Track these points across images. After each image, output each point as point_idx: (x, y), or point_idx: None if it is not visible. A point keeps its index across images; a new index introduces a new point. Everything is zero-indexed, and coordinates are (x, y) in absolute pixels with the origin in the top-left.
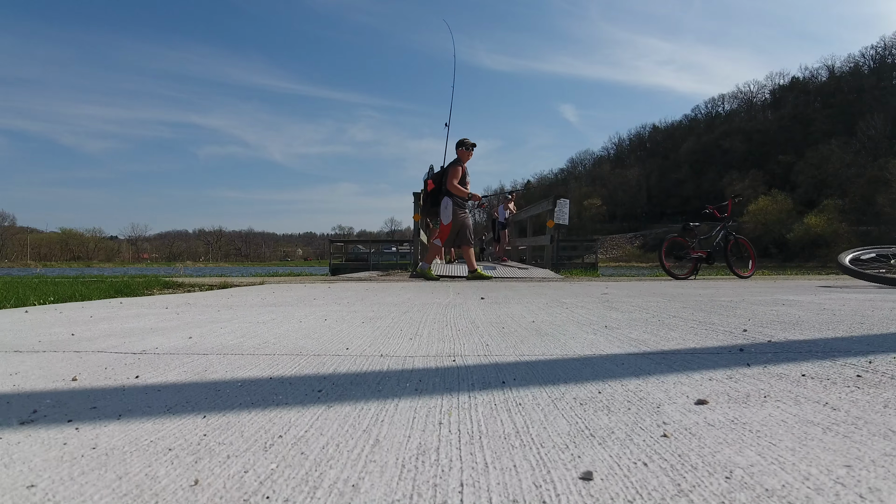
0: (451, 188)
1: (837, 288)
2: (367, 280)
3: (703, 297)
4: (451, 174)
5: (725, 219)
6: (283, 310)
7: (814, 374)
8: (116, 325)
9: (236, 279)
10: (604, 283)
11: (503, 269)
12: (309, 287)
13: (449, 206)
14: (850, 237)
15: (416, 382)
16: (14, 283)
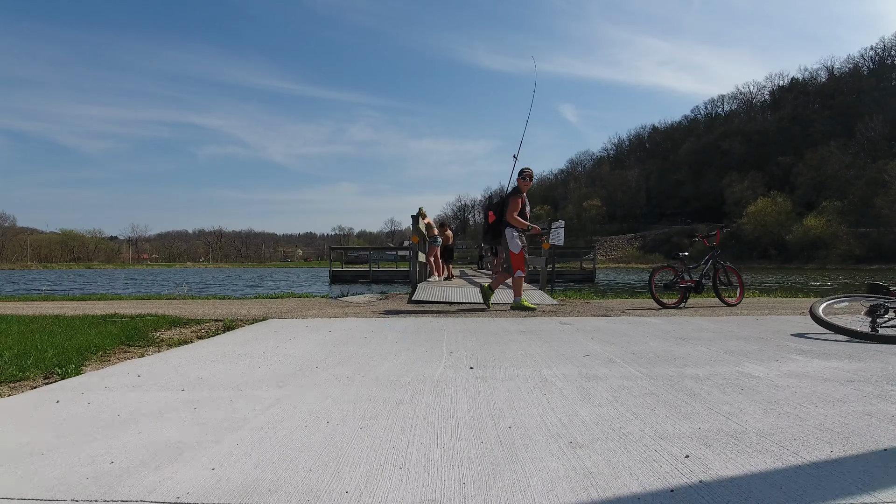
0: (510, 220)
1: (814, 336)
2: (364, 314)
3: (676, 365)
4: (511, 206)
5: (714, 247)
6: (286, 393)
7: None
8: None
9: (240, 304)
10: (592, 325)
11: (500, 293)
12: (310, 335)
13: (514, 235)
14: (849, 239)
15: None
16: (28, 329)
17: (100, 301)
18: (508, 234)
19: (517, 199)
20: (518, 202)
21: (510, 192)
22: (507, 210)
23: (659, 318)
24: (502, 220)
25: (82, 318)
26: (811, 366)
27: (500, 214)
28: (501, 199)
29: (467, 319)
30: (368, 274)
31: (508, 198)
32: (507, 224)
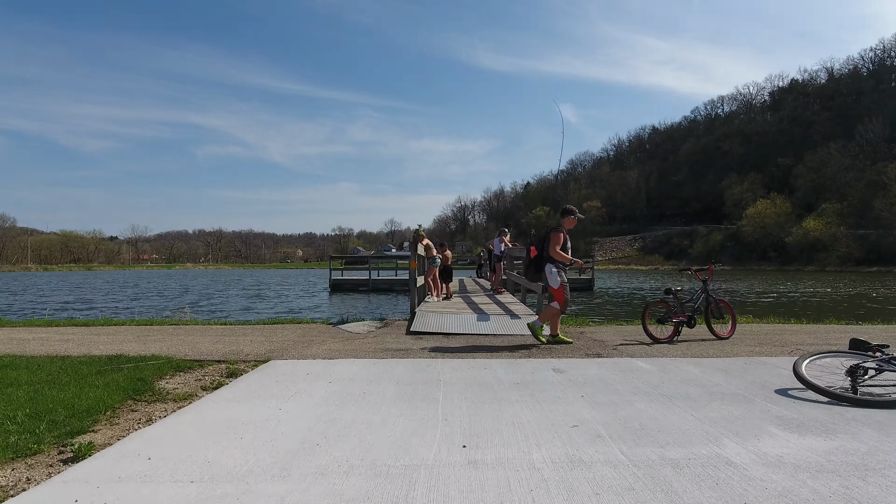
0: (553, 255)
1: (796, 395)
2: (363, 353)
3: (658, 443)
4: (554, 241)
5: (706, 281)
6: (289, 489)
7: None
8: None
9: (241, 334)
10: (584, 375)
11: (495, 320)
12: (312, 386)
13: (554, 271)
14: (849, 241)
15: None
16: (37, 378)
17: (104, 328)
18: (548, 269)
19: (559, 234)
20: (560, 237)
21: (553, 228)
22: (550, 245)
23: (650, 361)
24: (543, 254)
25: (89, 360)
26: (787, 446)
27: (542, 249)
28: (543, 234)
29: (463, 362)
30: (368, 283)
31: (551, 233)
32: (549, 259)
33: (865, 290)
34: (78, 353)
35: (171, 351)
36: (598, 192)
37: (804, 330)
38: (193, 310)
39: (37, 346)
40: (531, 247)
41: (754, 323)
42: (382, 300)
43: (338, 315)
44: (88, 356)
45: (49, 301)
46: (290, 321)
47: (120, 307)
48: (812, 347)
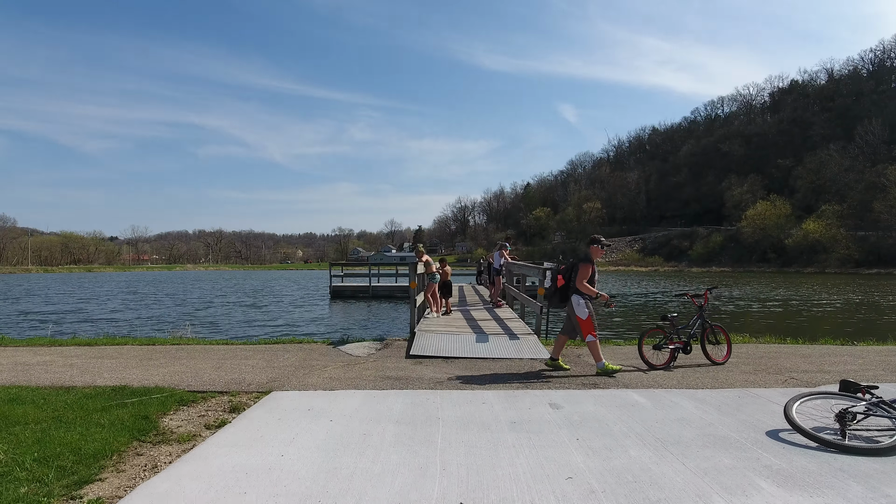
0: (580, 287)
1: (786, 439)
2: (363, 383)
3: (650, 501)
4: (582, 272)
5: (702, 307)
6: None
7: None
8: None
9: (244, 356)
10: (580, 412)
11: (493, 341)
12: (313, 426)
13: (581, 302)
14: (848, 243)
15: None
16: (43, 415)
17: (107, 349)
18: (575, 300)
19: (588, 266)
20: (588, 269)
21: (581, 259)
22: (577, 277)
23: (645, 394)
24: (570, 284)
25: (93, 392)
26: (773, 503)
27: (569, 279)
28: (571, 264)
29: (462, 395)
30: (368, 289)
31: (579, 264)
32: (575, 290)
33: (866, 298)
34: (82, 382)
35: (174, 380)
36: (598, 194)
37: (799, 352)
38: (193, 321)
39: (41, 372)
40: (558, 276)
41: (750, 343)
42: (383, 308)
43: (338, 329)
44: (93, 387)
45: (50, 313)
46: (291, 341)
47: (121, 319)
48: (806, 376)
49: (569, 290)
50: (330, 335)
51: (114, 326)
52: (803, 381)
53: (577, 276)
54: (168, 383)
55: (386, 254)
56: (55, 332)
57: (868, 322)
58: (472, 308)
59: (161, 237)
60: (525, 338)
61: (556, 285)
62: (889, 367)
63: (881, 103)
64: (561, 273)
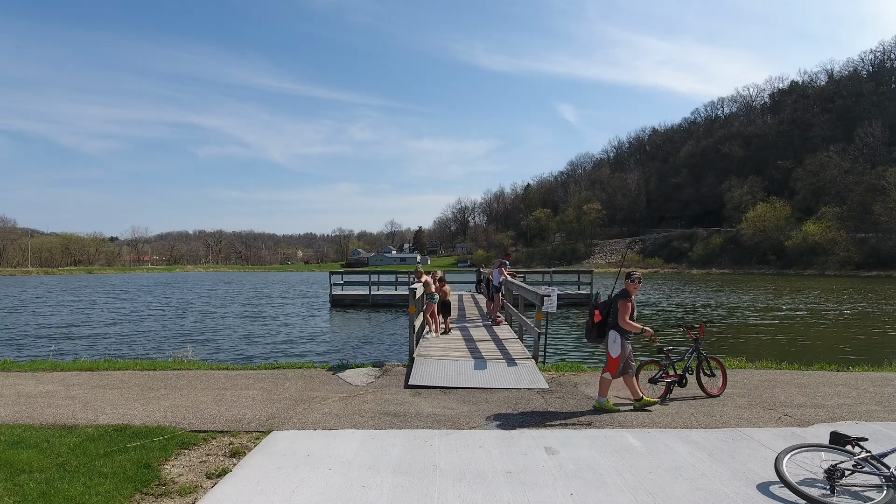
0: (623, 324)
1: (776, 494)
2: (361, 421)
3: None
4: (622, 310)
5: (697, 340)
6: None
7: None
8: None
9: (244, 385)
10: (575, 459)
11: (491, 367)
12: (313, 476)
13: (618, 340)
14: (848, 245)
15: None
16: (46, 462)
17: (108, 375)
18: (612, 336)
19: (627, 303)
20: (628, 306)
21: (619, 295)
22: (619, 315)
23: (640, 435)
24: (608, 320)
25: (96, 432)
26: None
27: (606, 315)
28: (608, 300)
29: (459, 437)
30: (368, 298)
31: (618, 300)
32: (614, 326)
33: (868, 306)
34: (85, 420)
35: (175, 417)
36: (598, 195)
37: (794, 381)
38: (194, 336)
39: (43, 406)
40: (595, 311)
41: (746, 368)
42: (383, 318)
43: (337, 347)
44: (95, 426)
45: (51, 325)
46: (291, 366)
47: (122, 334)
48: (800, 412)
49: (606, 326)
50: (330, 355)
51: (115, 344)
52: (797, 417)
53: (619, 314)
54: (169, 421)
55: (386, 255)
56: (56, 352)
57: (869, 336)
58: (471, 325)
59: (161, 237)
60: (523, 364)
61: (593, 320)
62: (882, 400)
63: (881, 105)
64: (598, 308)
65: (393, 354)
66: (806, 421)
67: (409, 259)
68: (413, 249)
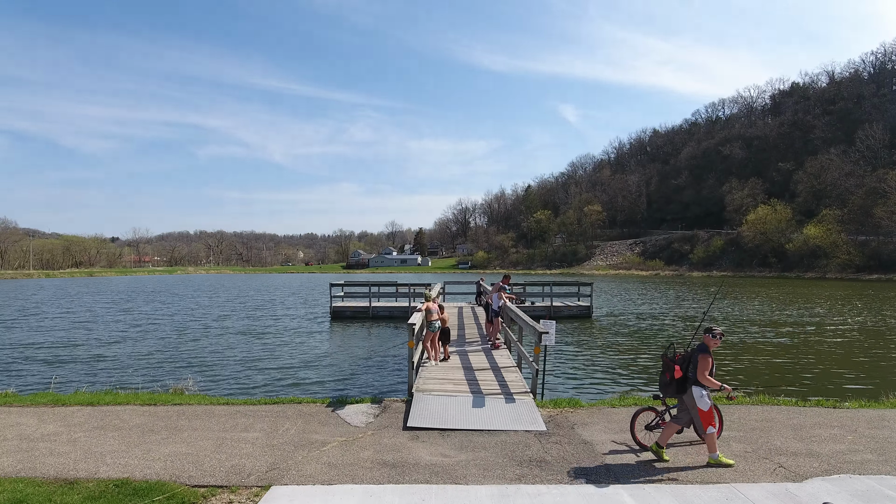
0: (703, 380)
1: None
2: (360, 473)
3: None
4: (703, 365)
5: None
6: None
7: None
8: None
9: (243, 426)
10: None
11: (490, 405)
12: None
13: (704, 394)
14: (849, 248)
15: None
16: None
17: (110, 410)
18: (697, 392)
19: (707, 357)
20: (709, 361)
21: (699, 349)
22: (698, 370)
23: (634, 494)
24: (688, 375)
25: (96, 492)
26: None
27: (686, 370)
28: (687, 355)
29: (456, 494)
30: (368, 310)
31: (698, 354)
32: (695, 382)
33: (871, 319)
34: (86, 472)
35: (175, 468)
36: (599, 196)
37: (791, 421)
38: (193, 358)
39: (45, 454)
40: (675, 366)
41: (742, 404)
42: (383, 333)
43: (337, 373)
44: (96, 480)
45: (51, 345)
46: (291, 401)
47: (121, 354)
48: (795, 462)
49: (686, 382)
50: (330, 381)
51: (115, 368)
52: (792, 470)
53: (699, 370)
54: (169, 474)
55: (387, 256)
56: (57, 383)
57: (871, 358)
58: (470, 349)
59: (162, 238)
60: (521, 400)
61: (674, 376)
62: (878, 446)
63: (882, 107)
64: (678, 364)
65: (393, 380)
66: (801, 474)
67: (410, 261)
68: (414, 251)
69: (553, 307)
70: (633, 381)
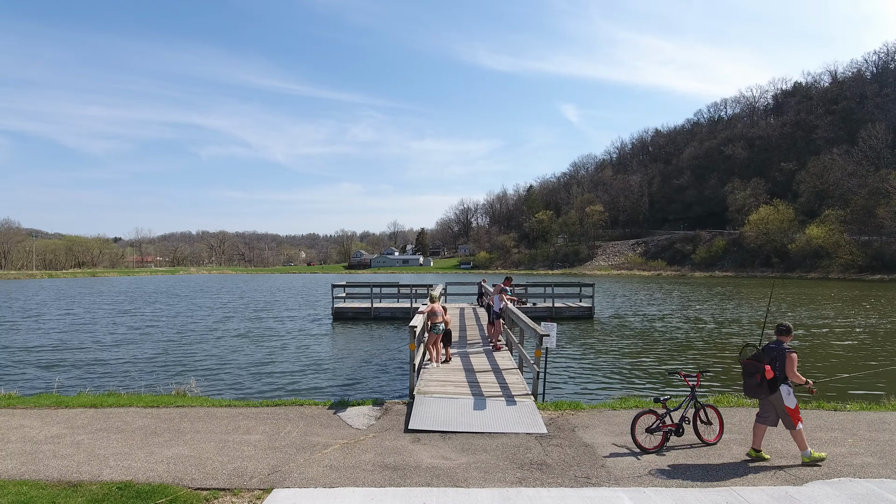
0: (793, 377)
1: None
2: (362, 476)
3: None
4: (791, 362)
5: (694, 388)
6: None
7: None
8: None
9: (245, 429)
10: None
11: (491, 407)
12: None
13: (790, 392)
14: (852, 248)
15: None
16: None
17: (112, 412)
18: (785, 390)
19: (794, 355)
20: (795, 358)
21: (788, 349)
22: (787, 367)
23: (635, 497)
24: (777, 375)
25: (100, 495)
26: None
27: (774, 369)
28: (775, 355)
29: (457, 496)
30: (370, 311)
31: (786, 354)
32: (783, 380)
33: (877, 319)
34: (89, 475)
35: (178, 471)
36: (601, 196)
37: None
38: (195, 361)
39: (49, 456)
40: (766, 366)
41: (744, 406)
42: (385, 334)
43: (339, 374)
44: (100, 483)
45: (53, 348)
46: (293, 403)
47: (124, 359)
48: (795, 464)
49: (777, 381)
50: (332, 381)
51: (118, 372)
52: (792, 473)
53: (788, 367)
54: (172, 477)
55: (388, 256)
56: (61, 386)
57: (880, 362)
58: (471, 350)
59: (164, 238)
60: (522, 402)
61: (765, 376)
62: (878, 449)
63: (885, 107)
64: (769, 364)
65: (394, 382)
66: (801, 478)
67: (412, 261)
68: (416, 251)
69: (554, 308)
70: (634, 383)
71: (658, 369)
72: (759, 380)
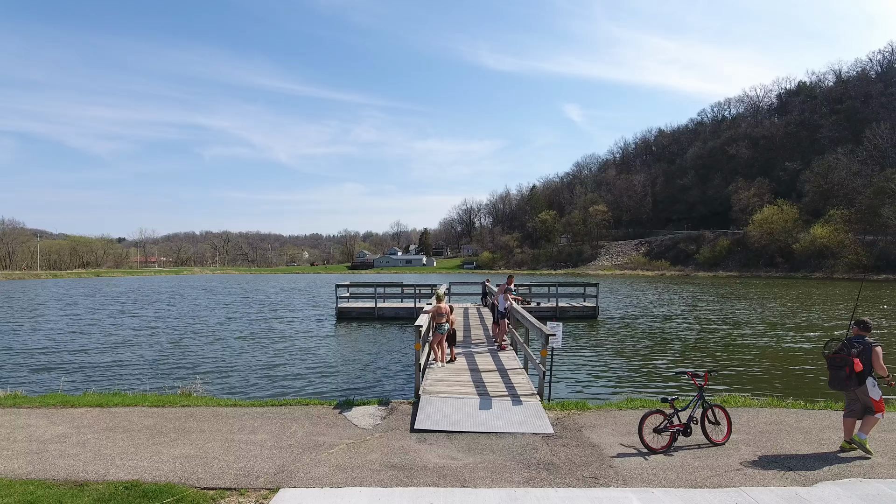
0: (880, 370)
1: None
2: (366, 474)
3: None
4: (879, 356)
5: (702, 388)
6: None
7: None
8: None
9: (251, 428)
10: None
11: (497, 407)
12: None
13: (875, 384)
14: (856, 248)
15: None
16: None
17: (118, 412)
18: (870, 382)
19: (880, 349)
20: (881, 352)
21: (874, 343)
22: (876, 360)
23: (644, 498)
24: (864, 368)
25: (106, 494)
26: None
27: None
28: (860, 349)
29: (464, 496)
30: (374, 311)
31: (873, 348)
32: (870, 372)
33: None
34: (96, 474)
35: (184, 471)
36: (604, 196)
37: (800, 425)
38: (201, 362)
39: (55, 455)
40: (855, 360)
41: (751, 407)
42: (389, 333)
43: (344, 374)
44: (106, 482)
45: (57, 349)
46: (298, 402)
47: (129, 362)
48: (805, 466)
49: (864, 374)
50: (336, 382)
51: (123, 371)
52: (802, 474)
53: (876, 360)
54: (179, 476)
55: (392, 256)
56: (67, 383)
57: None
58: (476, 350)
59: (168, 238)
60: (528, 402)
61: (854, 370)
62: (888, 449)
63: (890, 106)
64: (858, 357)
65: (399, 382)
66: (811, 479)
67: (416, 261)
68: (419, 251)
69: (559, 308)
70: (640, 382)
71: (666, 368)
72: (847, 373)
